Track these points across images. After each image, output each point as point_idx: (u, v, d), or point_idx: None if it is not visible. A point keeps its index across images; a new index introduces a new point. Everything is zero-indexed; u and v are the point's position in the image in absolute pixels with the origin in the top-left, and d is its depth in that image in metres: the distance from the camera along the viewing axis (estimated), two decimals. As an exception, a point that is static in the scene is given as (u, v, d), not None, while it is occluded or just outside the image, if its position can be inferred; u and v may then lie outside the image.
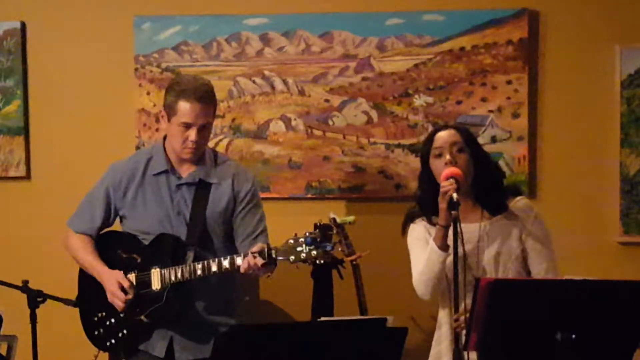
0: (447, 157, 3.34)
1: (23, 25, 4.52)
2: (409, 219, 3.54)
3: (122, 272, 3.67)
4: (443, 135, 3.40)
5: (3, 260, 4.39)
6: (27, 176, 4.55)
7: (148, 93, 4.48)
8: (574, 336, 2.91)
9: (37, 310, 3.44)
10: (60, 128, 4.54)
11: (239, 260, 3.51)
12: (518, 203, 3.42)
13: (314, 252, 3.41)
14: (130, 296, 3.63)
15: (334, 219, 4.03)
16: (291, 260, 3.45)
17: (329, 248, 3.46)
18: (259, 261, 3.45)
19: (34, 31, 4.53)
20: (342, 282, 4.11)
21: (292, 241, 3.44)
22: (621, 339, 3.00)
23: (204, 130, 3.65)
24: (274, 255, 3.45)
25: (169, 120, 3.66)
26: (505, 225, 3.39)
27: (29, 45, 4.53)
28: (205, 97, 3.62)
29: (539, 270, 3.39)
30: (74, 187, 3.93)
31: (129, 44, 4.48)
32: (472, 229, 3.36)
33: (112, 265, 3.71)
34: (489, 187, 3.41)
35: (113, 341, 3.73)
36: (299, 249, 3.42)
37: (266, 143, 4.49)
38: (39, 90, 4.55)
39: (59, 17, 4.53)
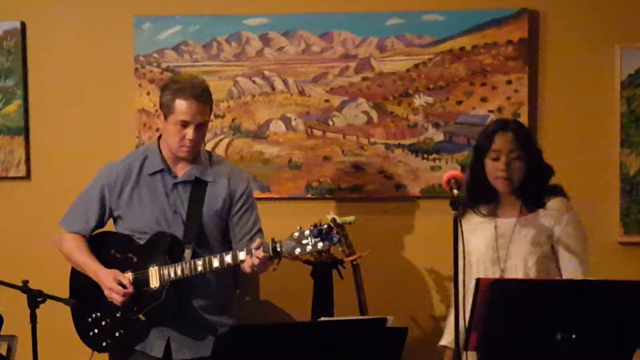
0: (503, 166, 3.44)
1: (23, 25, 4.52)
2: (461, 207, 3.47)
3: (118, 270, 3.67)
4: (503, 140, 3.47)
5: (3, 260, 4.38)
6: (27, 176, 4.55)
7: (148, 93, 4.48)
8: (574, 336, 2.91)
9: (37, 310, 3.43)
10: (60, 128, 4.53)
11: (241, 255, 3.51)
12: (555, 203, 3.49)
13: (320, 244, 3.42)
14: (129, 290, 3.62)
15: (334, 219, 4.02)
16: (297, 252, 3.46)
17: (335, 240, 3.47)
18: (262, 255, 3.45)
19: (34, 31, 4.53)
20: (342, 282, 4.11)
21: (296, 234, 3.45)
22: (621, 339, 3.00)
23: (201, 129, 3.66)
24: (278, 249, 3.46)
25: (165, 119, 3.67)
26: (538, 223, 3.46)
27: (29, 45, 4.53)
28: (202, 95, 3.64)
29: (566, 273, 3.45)
30: (74, 187, 3.92)
31: (129, 44, 4.47)
32: (508, 223, 3.47)
33: (107, 266, 3.70)
34: (534, 185, 3.48)
35: (109, 341, 3.71)
36: (304, 241, 3.43)
37: (266, 143, 4.49)
38: (39, 90, 4.54)
39: (59, 17, 4.53)
